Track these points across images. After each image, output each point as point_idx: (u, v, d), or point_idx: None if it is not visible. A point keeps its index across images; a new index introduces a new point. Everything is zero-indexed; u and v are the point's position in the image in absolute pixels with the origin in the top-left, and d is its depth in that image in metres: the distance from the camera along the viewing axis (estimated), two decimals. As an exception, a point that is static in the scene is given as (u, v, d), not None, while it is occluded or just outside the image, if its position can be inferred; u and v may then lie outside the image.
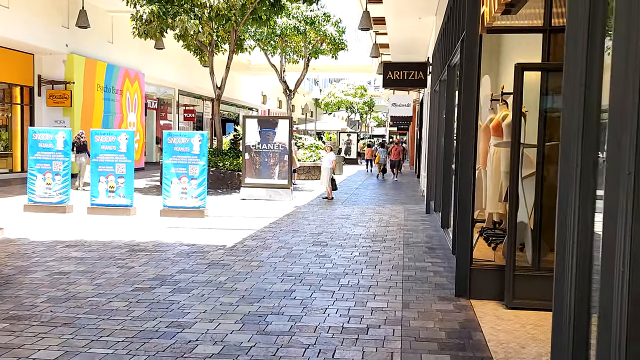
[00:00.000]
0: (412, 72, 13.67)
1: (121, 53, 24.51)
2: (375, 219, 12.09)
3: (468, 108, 6.02)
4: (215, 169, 18.75)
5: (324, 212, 13.08)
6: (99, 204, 12.09)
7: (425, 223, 11.64)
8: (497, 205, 7.24)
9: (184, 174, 12.02)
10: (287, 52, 29.45)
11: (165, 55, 26.91)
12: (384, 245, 9.07)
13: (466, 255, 6.01)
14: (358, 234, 10.13)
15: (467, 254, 6.01)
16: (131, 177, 12.11)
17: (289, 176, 16.04)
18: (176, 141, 12.05)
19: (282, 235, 9.75)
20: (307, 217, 12.15)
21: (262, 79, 44.26)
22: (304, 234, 9.92)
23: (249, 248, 8.59)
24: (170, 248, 8.48)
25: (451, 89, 8.56)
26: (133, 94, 25.61)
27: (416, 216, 12.73)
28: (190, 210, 11.93)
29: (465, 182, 6.08)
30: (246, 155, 16.17)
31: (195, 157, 11.98)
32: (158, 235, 9.52)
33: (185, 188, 12.02)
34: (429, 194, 12.82)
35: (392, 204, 15.19)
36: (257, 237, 9.52)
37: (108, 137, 12.11)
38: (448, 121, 8.64)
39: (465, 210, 6.08)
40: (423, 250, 8.70)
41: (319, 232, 10.22)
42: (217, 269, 7.22)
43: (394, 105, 21.49)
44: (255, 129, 16.13)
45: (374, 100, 63.83)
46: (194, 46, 21.56)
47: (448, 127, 8.66)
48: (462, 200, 6.11)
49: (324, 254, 8.24)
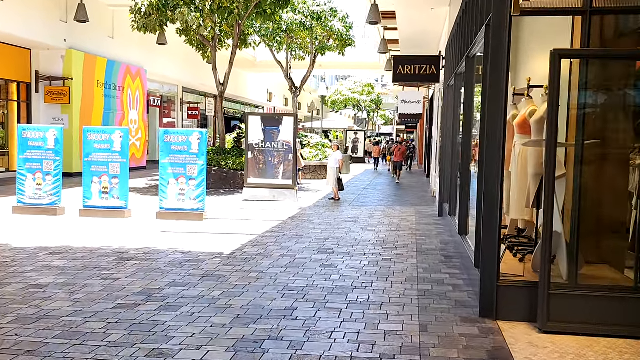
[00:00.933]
0: (424, 66, 12.90)
1: (122, 49, 23.84)
2: (384, 223, 11.34)
3: (496, 101, 5.26)
4: (218, 168, 18.06)
5: (330, 215, 12.34)
6: (92, 206, 11.40)
7: (438, 227, 10.88)
8: (523, 211, 6.49)
9: (182, 174, 11.31)
10: (293, 49, 28.69)
11: (168, 51, 26.23)
12: (395, 252, 8.33)
13: (492, 270, 5.26)
14: (367, 239, 9.39)
15: (494, 269, 5.26)
16: (126, 178, 11.41)
17: (294, 176, 15.32)
18: (173, 139, 11.34)
19: (285, 241, 9.02)
20: (313, 220, 11.42)
21: (268, 76, 43.55)
22: (308, 240, 9.19)
23: (248, 256, 7.86)
24: (162, 256, 7.76)
25: (470, 82, 7.80)
26: (135, 90, 24.95)
27: (428, 219, 11.97)
28: (188, 212, 11.22)
29: (492, 186, 5.32)
30: (249, 154, 15.45)
31: (193, 156, 11.27)
32: (151, 241, 8.81)
33: (183, 189, 11.31)
34: (442, 196, 12.06)
35: (402, 206, 14.44)
36: (257, 243, 8.80)
37: (101, 135, 11.41)
38: (467, 117, 7.88)
39: (491, 218, 5.33)
40: (439, 259, 7.95)
41: (324, 237, 9.49)
42: (212, 281, 6.49)
43: (403, 102, 20.71)
44: (259, 127, 15.41)
45: (381, 98, 63.04)
46: (196, 41, 20.87)
47: (466, 123, 7.91)
48: (488, 206, 5.36)
49: (330, 263, 7.50)
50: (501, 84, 5.22)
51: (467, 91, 7.86)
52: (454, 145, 9.93)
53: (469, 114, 7.88)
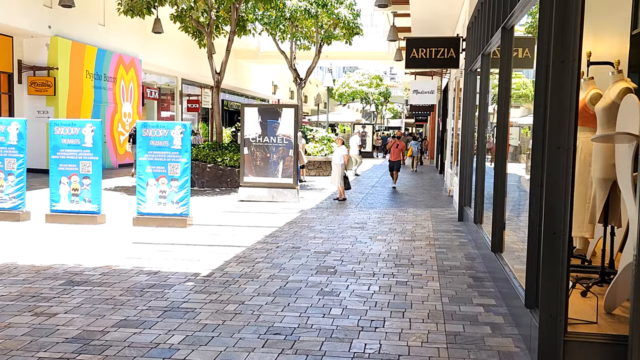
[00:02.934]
0: (441, 49, 11.29)
1: (114, 37, 22.34)
2: (397, 230, 9.79)
3: (561, 81, 3.70)
4: (214, 165, 16.55)
5: (334, 219, 10.81)
6: (60, 211, 9.92)
7: (460, 236, 9.33)
8: (585, 227, 4.93)
9: (163, 174, 9.81)
10: (297, 37, 27.07)
11: (166, 41, 24.72)
12: (411, 272, 6.78)
13: (556, 320, 3.71)
14: (376, 252, 7.85)
15: (559, 317, 3.71)
16: (98, 178, 9.92)
17: (295, 174, 13.79)
18: (152, 133, 9.82)
19: (278, 256, 7.49)
20: (313, 227, 9.89)
21: (272, 67, 41.92)
22: (306, 254, 7.66)
23: (229, 278, 6.34)
24: (122, 279, 6.25)
25: (507, 59, 6.22)
26: (128, 82, 23.47)
27: (447, 225, 10.41)
28: (170, 218, 9.73)
29: (556, 199, 3.77)
30: (245, 149, 13.93)
31: (176, 153, 9.76)
32: (116, 256, 7.31)
33: (164, 191, 9.81)
34: (463, 198, 10.49)
35: (415, 207, 12.88)
36: (244, 259, 7.27)
37: (70, 129, 9.91)
38: (502, 106, 6.31)
39: (554, 244, 3.78)
40: (466, 281, 6.40)
41: (326, 250, 7.96)
42: (174, 319, 4.98)
43: (416, 92, 19.07)
44: (256, 119, 13.88)
45: (390, 91, 61.38)
46: (192, 28, 19.35)
47: (501, 114, 6.33)
48: (550, 226, 3.81)
49: (331, 290, 5.97)
50: (570, 54, 3.66)
51: (503, 71, 6.28)
52: (481, 140, 8.35)
53: (504, 102, 6.30)
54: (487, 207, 8.40)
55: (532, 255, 4.33)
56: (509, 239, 6.37)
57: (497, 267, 6.19)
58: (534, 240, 4.30)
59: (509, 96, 6.25)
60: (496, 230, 6.37)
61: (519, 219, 6.27)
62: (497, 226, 6.37)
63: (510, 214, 6.46)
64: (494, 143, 6.89)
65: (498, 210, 6.34)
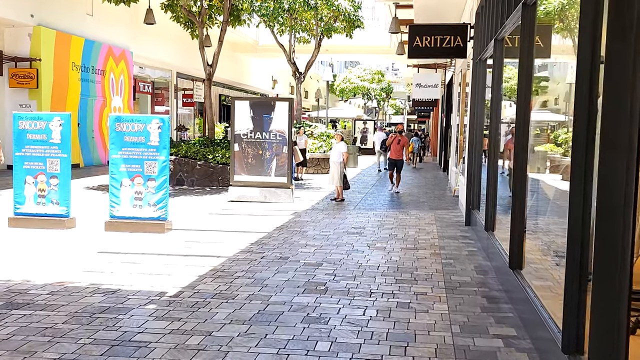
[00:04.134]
0: (447, 37, 10.30)
1: (103, 28, 21.35)
2: (398, 236, 8.82)
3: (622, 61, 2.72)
4: (204, 162, 15.59)
5: (329, 223, 9.84)
6: (25, 214, 8.96)
7: (468, 243, 8.35)
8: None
9: (138, 173, 8.84)
10: (296, 30, 26.04)
11: (159, 33, 23.75)
12: (415, 290, 5.81)
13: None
14: (375, 265, 6.88)
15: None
16: (67, 177, 8.95)
17: (289, 173, 12.82)
18: (127, 128, 8.85)
19: (262, 269, 6.53)
20: (306, 233, 8.92)
21: (272, 61, 40.86)
22: (295, 266, 6.69)
23: (200, 299, 5.38)
24: (73, 299, 5.29)
25: (527, 41, 5.22)
26: (118, 75, 22.50)
27: (453, 230, 9.43)
28: (146, 222, 8.76)
29: (614, 215, 2.79)
30: (236, 146, 12.96)
31: (153, 150, 8.79)
32: (74, 270, 6.35)
33: (139, 192, 8.84)
34: (471, 200, 9.51)
35: (418, 209, 11.90)
36: (222, 274, 6.31)
37: (36, 123, 8.94)
38: (523, 97, 5.32)
39: (612, 271, 2.81)
40: (479, 303, 5.42)
41: (317, 261, 6.98)
42: (121, 357, 4.01)
43: (419, 86, 18.05)
44: (247, 114, 12.90)
45: (392, 87, 60.26)
46: (183, 18, 18.35)
47: (522, 107, 5.34)
48: (605, 253, 2.84)
49: (319, 315, 5.00)
50: (636, 17, 2.68)
51: (524, 56, 5.29)
52: (493, 137, 7.36)
53: (524, 92, 5.32)
54: (500, 212, 7.43)
55: (572, 284, 3.36)
56: (529, 249, 5.39)
57: (515, 287, 5.22)
58: (575, 266, 3.33)
59: (530, 85, 5.27)
60: (515, 243, 5.39)
61: (541, 227, 5.30)
62: (516, 239, 5.38)
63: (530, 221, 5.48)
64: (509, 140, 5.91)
65: (517, 221, 5.35)
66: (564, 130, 4.57)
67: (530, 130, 5.27)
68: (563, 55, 4.82)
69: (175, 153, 15.77)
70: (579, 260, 3.38)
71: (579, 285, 3.37)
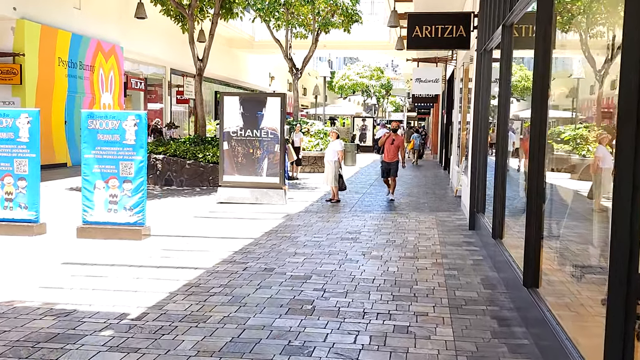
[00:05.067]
0: (449, 26, 9.56)
1: (92, 22, 20.61)
2: (396, 242, 8.09)
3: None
4: (194, 161, 14.86)
5: (323, 227, 9.11)
6: (-10, 219, 8.25)
7: (473, 250, 7.62)
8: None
9: (113, 175, 8.12)
10: (293, 25, 25.29)
11: (152, 28, 23.00)
12: (415, 309, 5.08)
13: None
14: (370, 277, 6.15)
15: None
16: (36, 179, 8.23)
17: (282, 172, 12.09)
18: (100, 125, 8.12)
19: (243, 284, 5.80)
20: (296, 239, 8.19)
21: (269, 58, 40.13)
22: (280, 279, 5.97)
23: (165, 323, 4.65)
24: (19, 323, 4.57)
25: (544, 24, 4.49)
26: (108, 71, 21.76)
27: (456, 235, 8.70)
28: (122, 228, 8.04)
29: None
30: (225, 144, 12.23)
31: (129, 150, 8.06)
32: (29, 286, 5.63)
33: (114, 195, 8.12)
34: (475, 203, 8.79)
35: (417, 211, 11.17)
36: (196, 289, 5.59)
37: (2, 121, 8.21)
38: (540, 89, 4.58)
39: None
40: (489, 326, 4.70)
41: (306, 273, 6.26)
42: (56, 404, 3.30)
43: (419, 81, 17.30)
44: (237, 110, 12.17)
45: (391, 84, 59.54)
46: (174, 11, 17.62)
47: (538, 100, 4.61)
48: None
49: (302, 343, 4.28)
50: None
51: (540, 41, 4.55)
52: (501, 135, 6.63)
53: (541, 83, 4.58)
54: (509, 217, 6.71)
55: (616, 306, 2.65)
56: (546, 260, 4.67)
57: (531, 307, 4.49)
58: (620, 284, 2.62)
59: (548, 75, 4.54)
60: (530, 258, 4.66)
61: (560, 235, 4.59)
62: (531, 253, 4.65)
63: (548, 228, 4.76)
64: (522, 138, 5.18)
65: (533, 232, 4.62)
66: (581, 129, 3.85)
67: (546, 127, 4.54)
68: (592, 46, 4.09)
69: (164, 152, 15.07)
70: (625, 276, 2.66)
71: (625, 308, 2.65)
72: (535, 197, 4.59)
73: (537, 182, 4.56)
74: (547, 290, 4.45)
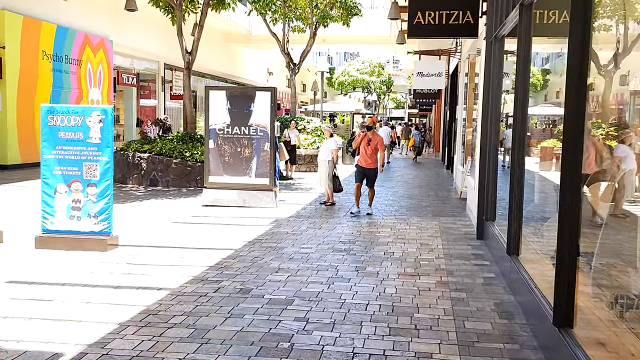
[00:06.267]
0: (455, 12, 8.60)
1: (79, 14, 19.66)
2: (394, 254, 7.16)
3: None
4: (181, 160, 13.94)
5: (313, 236, 8.19)
6: (-62, 227, 7.33)
7: (483, 265, 6.69)
8: None
9: (76, 178, 7.20)
10: (290, 19, 24.34)
11: (144, 21, 22.06)
12: (415, 349, 4.15)
13: None
14: (363, 301, 5.22)
15: None
16: (-10, 182, 7.32)
17: (272, 173, 11.16)
18: (62, 122, 7.20)
19: (210, 311, 4.88)
20: (282, 251, 7.26)
21: (267, 53, 39.10)
22: (256, 305, 5.04)
23: (106, 366, 3.74)
24: None
25: None
26: (97, 65, 20.81)
27: (463, 245, 7.77)
28: (86, 238, 7.12)
29: None
30: (210, 143, 11.31)
31: (93, 149, 7.14)
32: (-43, 312, 4.71)
33: (78, 201, 7.20)
34: (484, 209, 7.85)
35: (419, 216, 10.25)
36: (153, 319, 4.66)
37: None
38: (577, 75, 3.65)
39: None
40: (508, 372, 3.77)
41: (287, 296, 5.33)
42: None
43: (420, 74, 16.34)
44: (224, 106, 11.25)
45: (392, 80, 58.57)
46: (163, 2, 16.67)
47: (574, 86, 3.68)
48: None
49: (273, 399, 3.35)
50: None
51: (577, 18, 3.61)
52: (519, 133, 5.68)
53: (579, 69, 3.65)
54: (528, 230, 5.78)
55: None
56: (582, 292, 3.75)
57: (564, 354, 3.56)
58: None
59: (586, 59, 3.60)
60: (563, 292, 3.71)
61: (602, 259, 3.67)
62: (564, 286, 3.70)
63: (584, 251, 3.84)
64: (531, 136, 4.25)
65: (567, 257, 3.68)
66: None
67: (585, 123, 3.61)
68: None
69: (149, 150, 14.15)
70: None
71: None
72: (570, 207, 3.65)
73: (573, 188, 3.63)
74: (584, 331, 3.52)
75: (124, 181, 14.20)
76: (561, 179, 3.73)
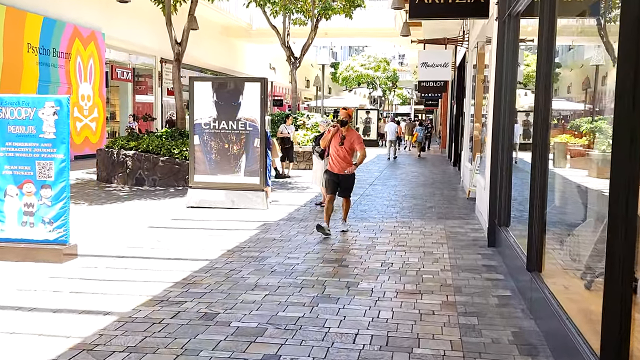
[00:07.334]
0: (463, -9, 7.66)
1: (67, 5, 18.77)
2: (393, 266, 6.21)
3: None
4: (169, 157, 13.03)
5: (302, 243, 7.24)
6: None
7: (496, 280, 5.72)
8: None
9: (29, 179, 6.28)
10: (290, 11, 23.40)
11: (137, 13, 21.14)
12: (414, 400, 3.21)
13: None
14: (351, 331, 4.27)
15: None
16: None
17: (263, 172, 10.23)
18: (12, 114, 6.28)
19: (159, 346, 3.94)
20: (264, 262, 6.31)
21: (269, 47, 38.06)
22: (219, 337, 4.10)
23: None
24: None
25: None
26: (87, 59, 19.92)
27: (472, 255, 6.80)
28: (39, 247, 6.20)
29: None
30: (196, 139, 10.39)
31: (47, 145, 6.23)
32: None
33: (30, 204, 6.29)
34: (497, 214, 6.88)
35: (422, 218, 9.28)
36: (86, 356, 3.73)
37: None
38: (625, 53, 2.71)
39: None
40: None
41: (259, 324, 4.38)
42: None
43: (425, 65, 15.33)
44: (210, 98, 10.32)
45: (398, 75, 57.44)
46: (153, -9, 15.79)
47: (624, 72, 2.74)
48: None
49: None
50: None
51: None
52: (543, 126, 4.70)
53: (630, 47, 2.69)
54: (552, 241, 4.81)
55: None
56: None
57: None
58: None
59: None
60: (614, 329, 2.75)
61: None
62: (615, 321, 2.74)
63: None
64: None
65: (620, 285, 2.72)
66: None
67: None
68: None
69: (135, 147, 13.25)
70: None
71: None
72: (624, 219, 2.69)
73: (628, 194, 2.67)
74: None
75: (108, 180, 13.32)
76: (611, 185, 2.77)
